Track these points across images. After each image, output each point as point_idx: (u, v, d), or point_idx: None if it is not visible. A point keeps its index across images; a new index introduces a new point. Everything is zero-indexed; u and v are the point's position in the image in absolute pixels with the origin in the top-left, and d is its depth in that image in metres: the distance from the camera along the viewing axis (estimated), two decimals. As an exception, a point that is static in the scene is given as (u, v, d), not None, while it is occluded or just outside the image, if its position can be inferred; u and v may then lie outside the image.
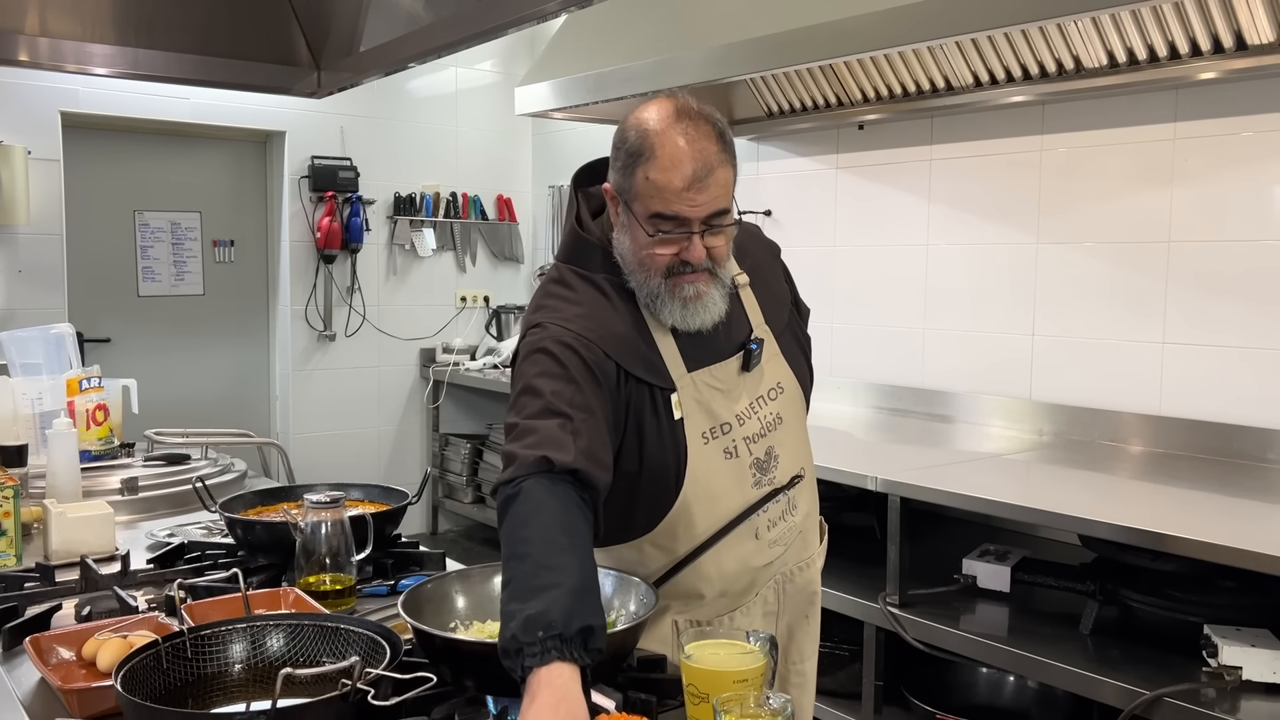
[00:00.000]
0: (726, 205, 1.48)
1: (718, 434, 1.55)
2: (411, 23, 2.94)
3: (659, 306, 1.51)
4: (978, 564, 2.71)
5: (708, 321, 1.52)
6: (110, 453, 2.57)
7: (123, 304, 4.92)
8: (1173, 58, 2.73)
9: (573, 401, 1.40)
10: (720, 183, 1.45)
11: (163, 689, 1.19)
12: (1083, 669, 2.26)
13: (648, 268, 1.49)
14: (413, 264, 5.52)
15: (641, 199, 1.46)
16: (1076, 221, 3.25)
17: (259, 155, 5.27)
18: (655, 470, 1.51)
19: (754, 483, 1.58)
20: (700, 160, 1.43)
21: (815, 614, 1.75)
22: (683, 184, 1.42)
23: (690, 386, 1.54)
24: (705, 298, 1.50)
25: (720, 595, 1.60)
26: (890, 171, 3.78)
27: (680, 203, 1.43)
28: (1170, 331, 3.03)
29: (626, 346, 1.51)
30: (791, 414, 1.65)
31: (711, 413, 1.55)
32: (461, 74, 5.58)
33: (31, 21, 3.23)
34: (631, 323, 1.53)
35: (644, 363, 1.51)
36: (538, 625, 1.14)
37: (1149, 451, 3.01)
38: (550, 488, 1.31)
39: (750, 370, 1.59)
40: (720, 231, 1.49)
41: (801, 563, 1.69)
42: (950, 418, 3.57)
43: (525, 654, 1.13)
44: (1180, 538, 2.13)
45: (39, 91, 4.42)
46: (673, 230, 1.46)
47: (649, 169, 1.44)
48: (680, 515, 1.53)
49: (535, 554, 1.24)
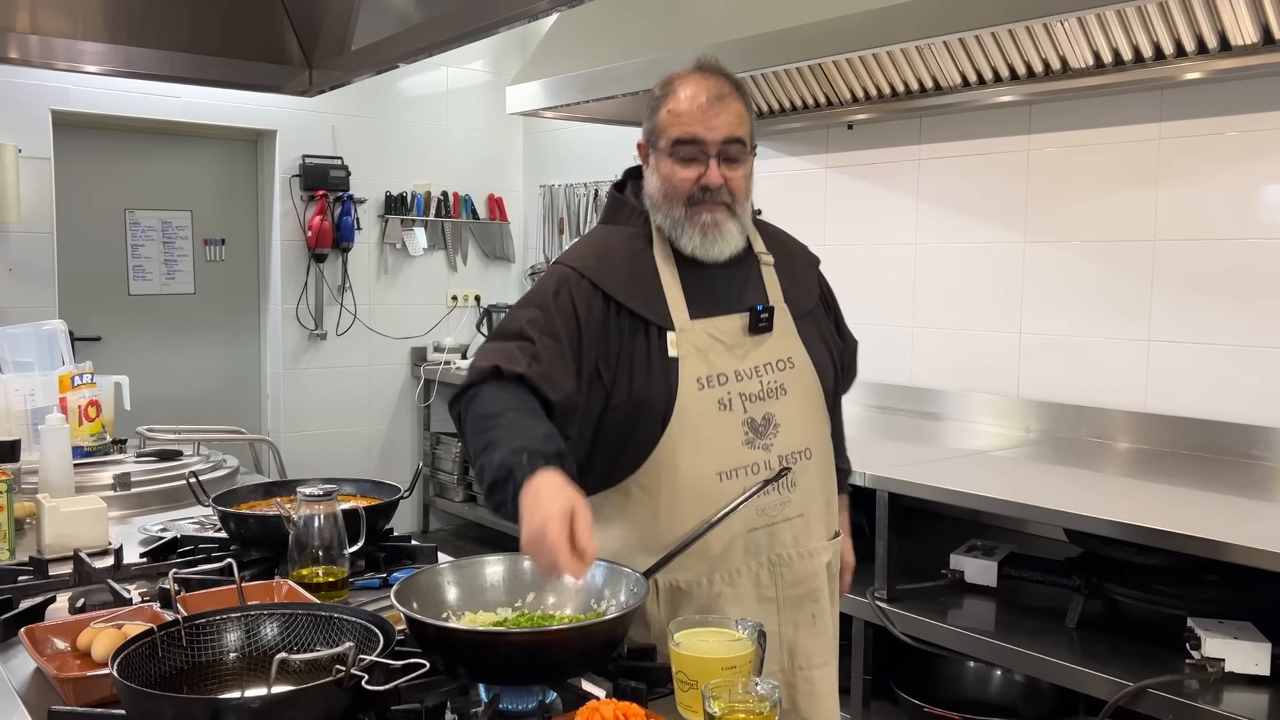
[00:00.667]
0: (741, 135, 1.61)
1: (713, 383, 1.60)
2: (402, 21, 2.96)
3: (679, 235, 1.62)
4: (965, 559, 2.74)
5: (724, 251, 1.62)
6: (102, 449, 2.57)
7: (114, 302, 4.92)
8: (1158, 58, 2.75)
9: (541, 328, 1.55)
10: (734, 111, 1.59)
11: (158, 677, 1.21)
12: (1068, 662, 2.28)
13: (671, 198, 1.62)
14: (404, 263, 5.53)
15: (664, 132, 1.61)
16: (1063, 220, 3.28)
17: (250, 154, 5.27)
18: (644, 404, 1.58)
19: (745, 441, 1.61)
20: (714, 89, 1.59)
21: (824, 616, 1.70)
22: (697, 107, 1.58)
23: (690, 332, 1.61)
24: (722, 228, 1.61)
25: (701, 558, 1.59)
26: (879, 171, 3.80)
27: (696, 124, 1.58)
28: (1156, 329, 3.06)
29: (625, 284, 1.62)
30: (800, 391, 1.68)
31: (710, 361, 1.61)
32: (453, 73, 5.59)
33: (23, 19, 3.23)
34: (639, 265, 1.64)
35: (643, 300, 1.61)
36: (522, 452, 1.34)
37: (1134, 448, 3.04)
38: (504, 385, 1.50)
39: (757, 333, 1.65)
40: (738, 164, 1.61)
41: (802, 550, 1.66)
42: (938, 415, 3.59)
43: (515, 474, 1.32)
44: (1164, 532, 2.15)
45: (30, 90, 4.42)
46: (692, 154, 1.59)
47: (669, 103, 1.61)
48: (665, 454, 1.58)
49: (504, 422, 1.42)
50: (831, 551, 1.73)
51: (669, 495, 1.59)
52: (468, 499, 5.48)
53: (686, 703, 1.24)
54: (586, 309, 1.58)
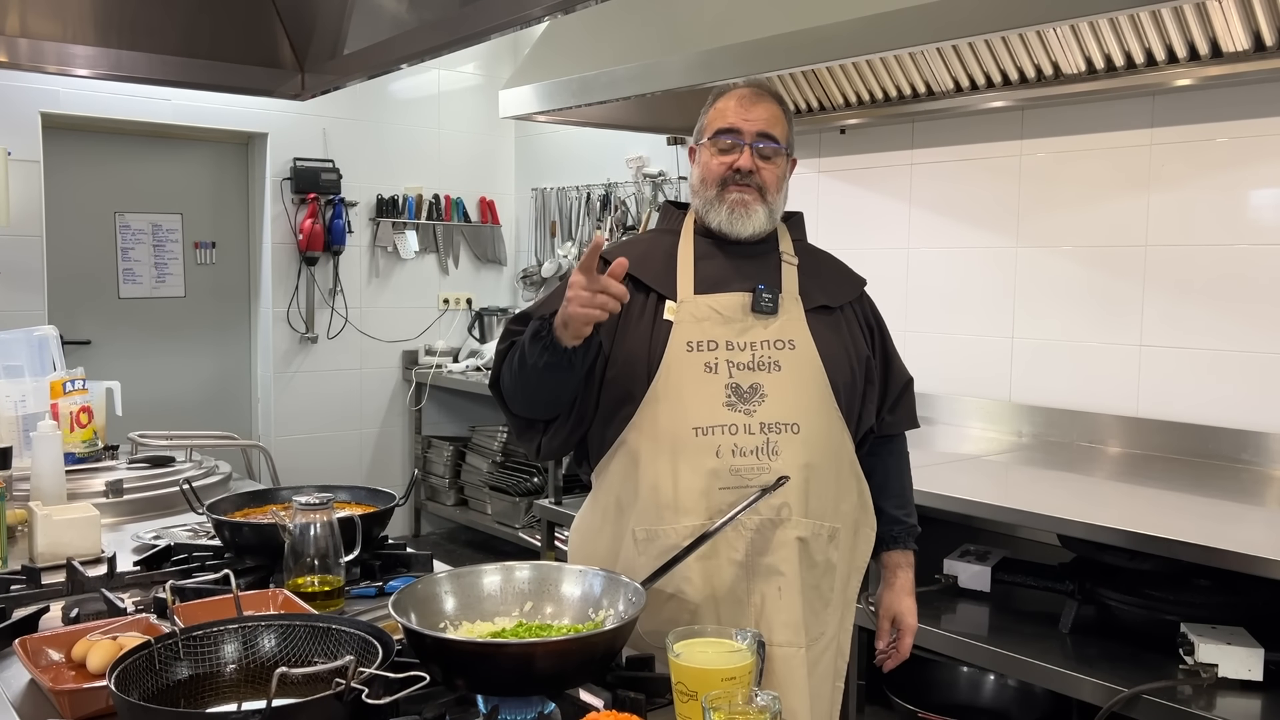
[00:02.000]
0: (778, 134, 1.74)
1: (703, 348, 1.69)
2: (396, 26, 2.95)
3: (709, 213, 1.76)
4: (958, 564, 2.74)
5: (748, 229, 1.74)
6: (94, 455, 2.56)
7: (103, 306, 4.89)
8: (1150, 64, 2.76)
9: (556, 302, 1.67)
10: (771, 111, 1.74)
11: (155, 690, 1.20)
12: (1062, 667, 2.29)
13: (707, 181, 1.76)
14: (395, 266, 5.52)
15: (708, 128, 1.77)
16: (1055, 225, 3.29)
17: (240, 157, 5.26)
18: (633, 361, 1.69)
19: (727, 403, 1.66)
20: (755, 92, 1.76)
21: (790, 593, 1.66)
22: (737, 102, 1.74)
23: (691, 303, 1.72)
24: (749, 208, 1.73)
25: (672, 505, 1.65)
26: (871, 175, 3.81)
27: (735, 116, 1.73)
28: (1147, 334, 3.08)
29: (639, 258, 1.74)
30: (798, 372, 1.69)
31: (703, 329, 1.70)
32: (444, 76, 5.58)
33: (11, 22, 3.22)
34: (661, 248, 1.79)
35: (652, 273, 1.75)
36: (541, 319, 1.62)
37: (1126, 453, 3.06)
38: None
39: (760, 313, 1.70)
40: (771, 158, 1.74)
41: (773, 518, 1.65)
42: (930, 419, 3.60)
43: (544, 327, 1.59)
44: (1157, 537, 2.16)
45: (19, 92, 4.39)
46: (730, 143, 1.73)
47: (715, 104, 1.78)
48: (647, 411, 1.68)
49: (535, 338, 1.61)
50: (808, 530, 1.68)
51: (649, 451, 1.68)
52: (459, 503, 5.46)
53: (686, 714, 1.24)
54: None
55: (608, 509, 1.77)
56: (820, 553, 1.72)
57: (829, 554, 1.73)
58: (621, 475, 1.73)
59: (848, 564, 1.80)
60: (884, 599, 1.92)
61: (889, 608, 1.91)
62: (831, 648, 1.78)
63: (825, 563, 1.73)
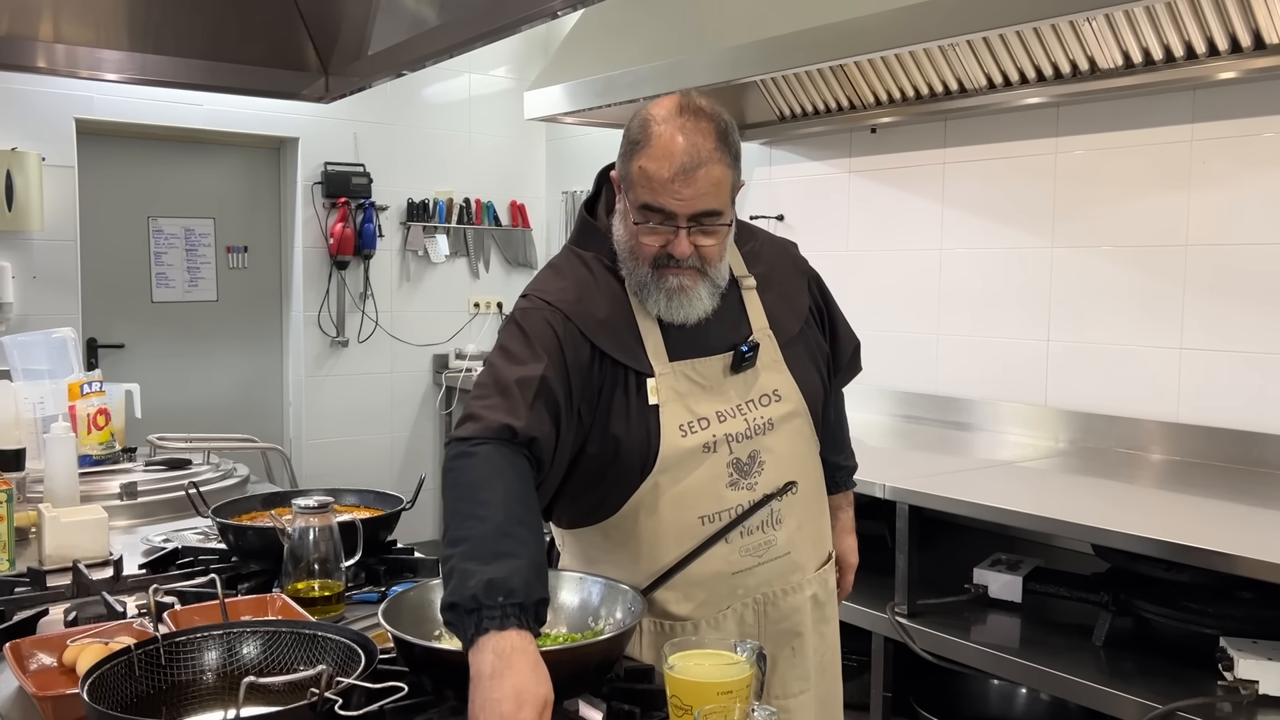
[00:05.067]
0: (718, 206, 1.47)
1: (696, 428, 1.53)
2: (419, 25, 2.93)
3: (645, 296, 1.52)
4: (989, 573, 2.66)
5: (691, 316, 1.52)
6: (111, 457, 2.56)
7: (137, 310, 4.93)
8: (1189, 58, 2.67)
9: (533, 373, 1.43)
10: (710, 179, 1.44)
11: (134, 697, 1.17)
12: (1095, 682, 2.20)
13: (637, 256, 1.51)
14: (426, 270, 5.51)
15: (635, 188, 1.48)
16: (1092, 225, 3.19)
17: (272, 161, 5.28)
18: (625, 452, 1.50)
19: (729, 483, 1.54)
20: (691, 154, 1.42)
21: (805, 647, 1.64)
22: (669, 175, 1.43)
23: (670, 376, 1.53)
24: (690, 293, 1.50)
25: (685, 599, 1.54)
26: (903, 175, 3.73)
27: (666, 194, 1.44)
28: (1188, 337, 2.97)
29: (605, 328, 1.52)
30: (788, 424, 1.61)
31: (689, 407, 1.53)
32: (475, 80, 5.57)
33: (46, 29, 3.25)
34: (617, 307, 1.54)
35: (621, 346, 1.52)
36: (499, 590, 1.18)
37: (1166, 459, 2.95)
38: (510, 458, 1.36)
39: (740, 371, 1.57)
40: (712, 232, 1.49)
41: (787, 586, 1.61)
42: (964, 424, 3.51)
43: (484, 615, 1.17)
44: (1195, 548, 2.07)
45: (54, 99, 4.44)
46: (660, 222, 1.47)
47: (642, 158, 1.46)
48: (646, 498, 1.51)
49: (496, 519, 1.27)
50: (818, 583, 1.66)
51: (649, 537, 1.53)
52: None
53: (681, 729, 1.19)
54: (574, 353, 1.48)
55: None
56: (824, 590, 1.69)
57: (830, 584, 1.71)
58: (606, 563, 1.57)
59: None
60: None
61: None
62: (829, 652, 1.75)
63: (828, 593, 1.70)
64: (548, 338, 1.47)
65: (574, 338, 1.49)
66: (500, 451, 1.36)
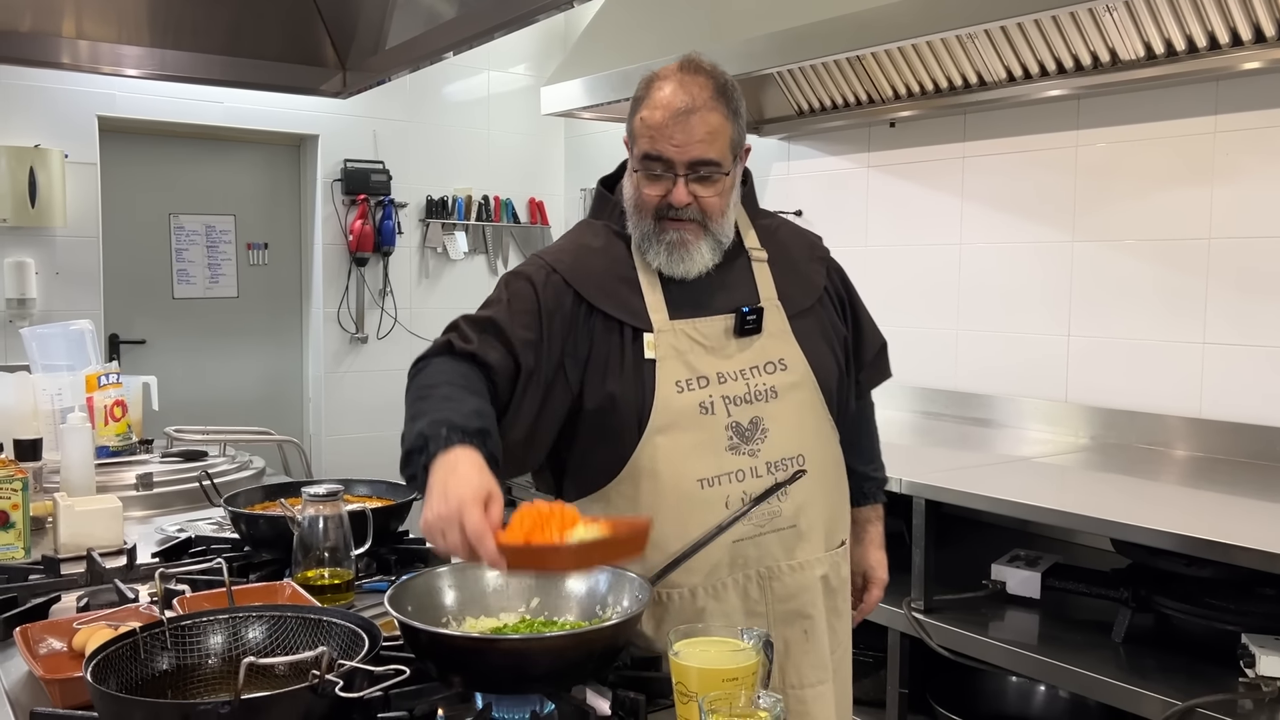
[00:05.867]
0: (715, 156, 1.50)
1: (693, 386, 1.53)
2: (434, 18, 2.94)
3: (647, 248, 1.55)
4: (1007, 569, 2.63)
5: (691, 270, 1.55)
6: (128, 448, 2.57)
7: (158, 306, 4.96)
8: (1213, 48, 2.63)
9: (503, 311, 1.54)
10: (706, 125, 1.48)
11: (140, 679, 1.17)
12: (1115, 678, 2.17)
13: (640, 210, 1.55)
14: (444, 267, 5.52)
15: (637, 140, 1.53)
16: (1113, 219, 3.16)
17: (292, 159, 5.30)
18: (621, 407, 1.51)
19: (729, 446, 1.53)
20: (686, 101, 1.47)
21: (818, 632, 1.61)
22: (664, 120, 1.47)
23: (670, 334, 1.54)
24: (690, 246, 1.53)
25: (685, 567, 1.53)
26: (922, 170, 3.70)
27: (663, 140, 1.48)
28: (1211, 331, 2.93)
29: (599, 284, 1.55)
30: (795, 395, 1.58)
31: (689, 364, 1.54)
32: (494, 77, 5.58)
33: (69, 25, 3.28)
34: (617, 265, 1.58)
35: (616, 301, 1.55)
36: (442, 425, 1.30)
37: (1188, 455, 2.91)
38: (453, 362, 1.49)
39: (744, 335, 1.57)
40: (711, 182, 1.51)
41: (793, 562, 1.58)
42: (984, 420, 3.48)
43: (430, 446, 1.28)
44: (1216, 542, 2.03)
45: (76, 96, 4.47)
46: (659, 171, 1.50)
47: (643, 109, 1.52)
48: (644, 460, 1.51)
49: (437, 395, 1.39)
50: (829, 564, 1.62)
51: (649, 502, 1.51)
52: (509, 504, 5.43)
53: (686, 716, 1.17)
54: (555, 303, 1.53)
55: None
56: (836, 576, 1.66)
57: (843, 572, 1.67)
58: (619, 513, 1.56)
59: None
60: (853, 555, 1.80)
61: (858, 563, 1.81)
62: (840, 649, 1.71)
63: (841, 581, 1.67)
64: (524, 292, 1.54)
65: (557, 289, 1.53)
66: (443, 359, 1.51)
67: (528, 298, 1.54)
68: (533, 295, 1.54)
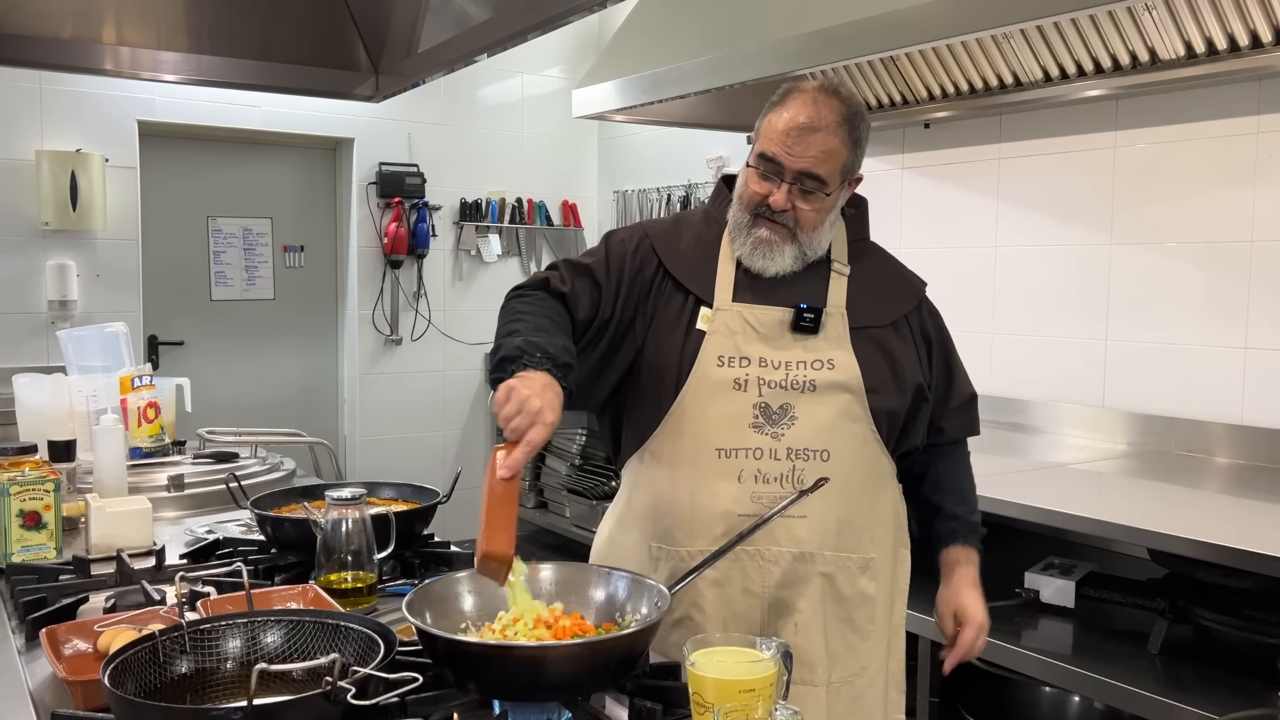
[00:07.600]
0: (823, 174, 1.56)
1: (734, 364, 1.59)
2: (466, 21, 2.94)
3: (736, 236, 1.64)
4: (1041, 578, 2.59)
5: (769, 269, 1.61)
6: (161, 450, 2.60)
7: (196, 308, 5.03)
8: (1255, 46, 2.58)
9: (584, 261, 1.67)
10: (823, 146, 1.55)
11: (159, 683, 1.17)
12: (1151, 691, 2.13)
13: (743, 202, 1.63)
14: (478, 269, 5.54)
15: (760, 138, 1.61)
16: (1152, 221, 3.10)
17: (328, 162, 5.35)
18: (666, 369, 1.61)
19: (753, 424, 1.57)
20: (812, 118, 1.55)
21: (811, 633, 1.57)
22: (787, 129, 1.55)
23: (727, 313, 1.62)
24: (774, 247, 1.60)
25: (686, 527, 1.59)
26: (957, 171, 3.66)
27: (779, 145, 1.55)
28: (1253, 336, 2.87)
29: (681, 255, 1.67)
30: (832, 394, 1.58)
31: (736, 344, 1.60)
32: (528, 80, 5.59)
33: (109, 32, 3.32)
34: (704, 245, 1.68)
35: (690, 272, 1.65)
36: (537, 349, 1.43)
37: (1230, 463, 2.85)
38: (545, 299, 1.61)
39: (800, 332, 1.60)
40: (812, 197, 1.57)
41: (796, 551, 1.57)
42: (1019, 426, 3.43)
43: (523, 359, 1.41)
44: (1256, 553, 1.99)
45: (116, 101, 4.54)
46: (769, 172, 1.58)
47: (772, 113, 1.60)
48: (673, 422, 1.61)
49: (533, 324, 1.51)
50: (835, 565, 1.60)
51: (669, 464, 1.61)
52: (539, 505, 5.44)
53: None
54: (639, 265, 1.65)
55: (625, 517, 1.70)
56: (850, 585, 1.62)
57: (861, 585, 1.63)
58: (640, 484, 1.67)
59: (889, 592, 1.68)
60: (941, 596, 1.76)
61: (948, 603, 1.75)
62: (879, 680, 1.67)
63: (858, 595, 1.62)
64: (619, 251, 1.67)
65: (645, 255, 1.67)
66: (541, 294, 1.62)
67: (621, 256, 1.66)
68: (625, 255, 1.66)
